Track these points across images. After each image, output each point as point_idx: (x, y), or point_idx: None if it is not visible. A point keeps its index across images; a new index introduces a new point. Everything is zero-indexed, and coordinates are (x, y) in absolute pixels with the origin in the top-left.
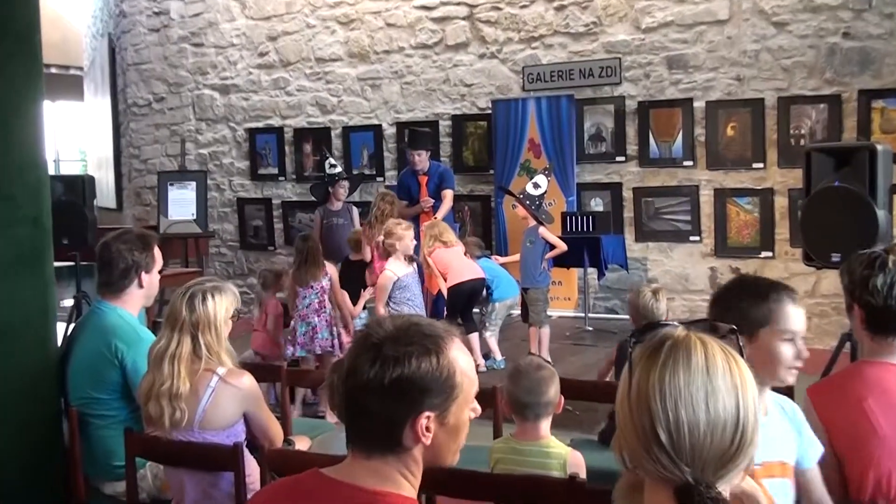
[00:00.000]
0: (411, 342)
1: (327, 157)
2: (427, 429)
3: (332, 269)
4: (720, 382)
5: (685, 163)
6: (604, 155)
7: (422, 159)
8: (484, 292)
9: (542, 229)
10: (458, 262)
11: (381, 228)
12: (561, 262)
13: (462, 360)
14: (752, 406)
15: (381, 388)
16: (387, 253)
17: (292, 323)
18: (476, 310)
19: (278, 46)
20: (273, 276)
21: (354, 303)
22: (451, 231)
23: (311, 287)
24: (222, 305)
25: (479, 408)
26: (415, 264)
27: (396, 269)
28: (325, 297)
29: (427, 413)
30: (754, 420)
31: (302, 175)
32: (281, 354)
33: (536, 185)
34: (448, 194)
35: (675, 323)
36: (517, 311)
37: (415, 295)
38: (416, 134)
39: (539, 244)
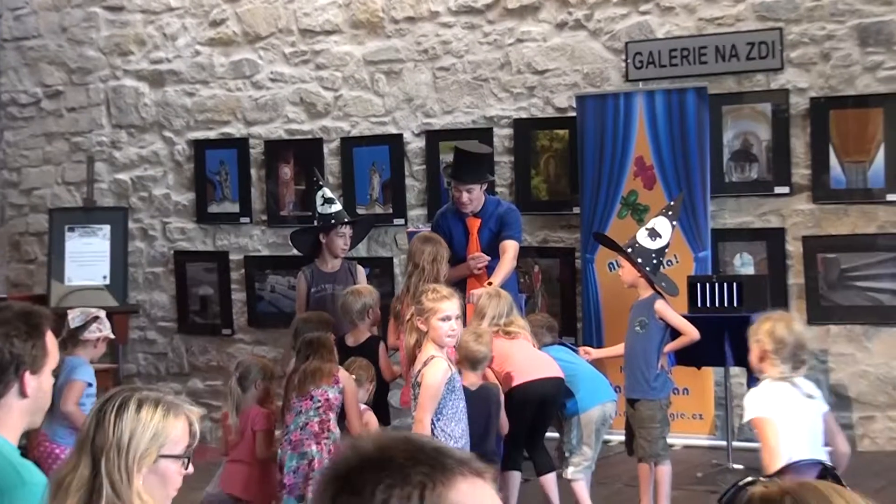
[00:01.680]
0: (394, 472)
1: (319, 188)
2: None
3: (346, 379)
4: None
5: (890, 196)
6: (755, 184)
7: (473, 197)
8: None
9: (660, 304)
10: (523, 355)
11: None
12: (689, 357)
13: None
14: None
15: None
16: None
17: (278, 452)
18: (553, 433)
19: (240, 11)
20: (260, 371)
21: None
22: (517, 312)
23: (311, 398)
24: (149, 428)
25: None
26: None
27: (440, 364)
28: (332, 415)
29: None
30: None
31: (277, 215)
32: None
33: (654, 234)
34: (511, 247)
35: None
36: (615, 437)
37: (464, 406)
38: (466, 158)
39: (655, 329)
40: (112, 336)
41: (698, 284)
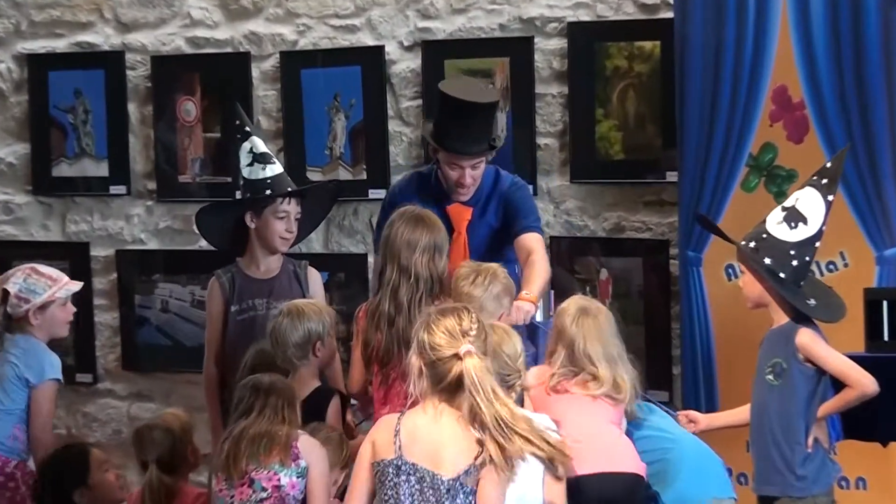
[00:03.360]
0: None
1: (245, 137)
2: None
3: (313, 452)
4: None
5: None
6: None
7: (477, 175)
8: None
9: (805, 337)
10: (578, 427)
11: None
12: (864, 425)
13: None
14: None
15: None
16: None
17: None
18: None
19: None
20: (168, 436)
21: None
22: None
23: (250, 484)
24: None
25: None
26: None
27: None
28: None
29: None
30: None
31: (173, 183)
32: None
33: (796, 218)
34: (538, 242)
35: None
36: None
37: None
38: (466, 112)
39: (800, 377)
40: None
41: (884, 303)
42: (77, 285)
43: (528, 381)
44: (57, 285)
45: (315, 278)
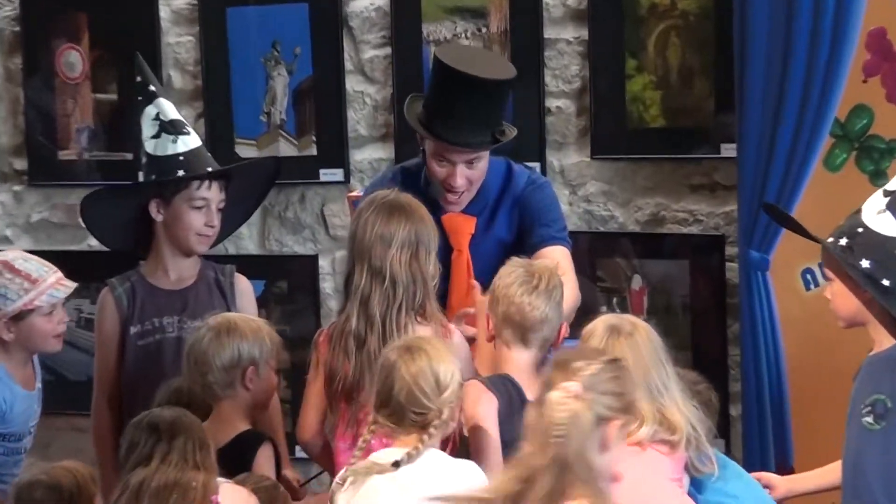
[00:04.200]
0: None
1: (149, 98)
2: None
3: (237, 498)
4: None
5: None
6: None
7: (476, 176)
8: None
9: None
10: (624, 490)
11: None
12: None
13: None
14: None
15: None
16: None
17: None
18: None
19: None
20: (76, 495)
21: None
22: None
23: None
24: None
25: None
26: None
27: None
28: None
29: None
30: None
31: (50, 159)
32: None
33: None
34: (564, 257)
35: None
36: None
37: None
38: (466, 87)
39: None
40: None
41: None
42: (67, 287)
43: None
44: (37, 288)
45: (245, 289)
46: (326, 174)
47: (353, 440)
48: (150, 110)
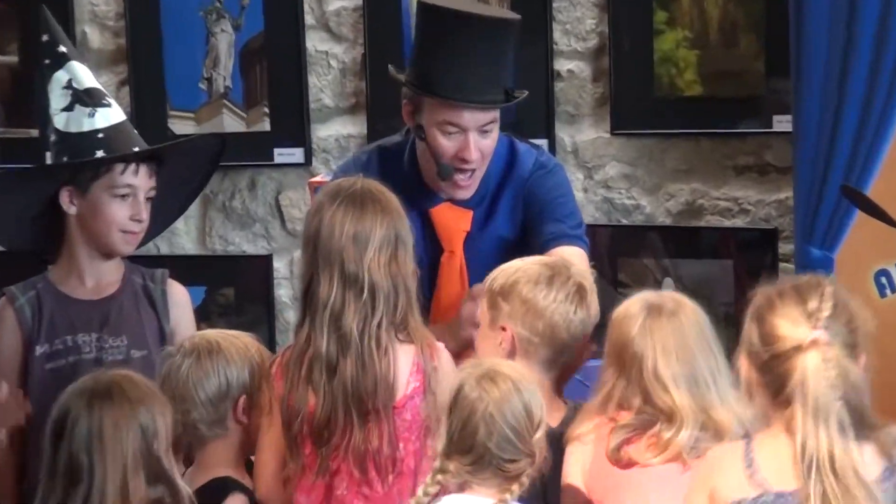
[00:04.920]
0: None
1: (59, 61)
2: None
3: None
4: None
5: None
6: None
7: (487, 148)
8: None
9: None
10: None
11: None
12: None
13: None
14: None
15: None
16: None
17: None
18: None
19: None
20: None
21: None
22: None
23: None
24: None
25: None
26: None
27: None
28: None
29: None
30: None
31: None
32: None
33: None
34: (580, 259)
35: None
36: None
37: None
38: (466, 29)
39: None
40: None
41: None
42: None
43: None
44: None
45: (180, 299)
46: (282, 154)
47: (324, 494)
48: (61, 76)
